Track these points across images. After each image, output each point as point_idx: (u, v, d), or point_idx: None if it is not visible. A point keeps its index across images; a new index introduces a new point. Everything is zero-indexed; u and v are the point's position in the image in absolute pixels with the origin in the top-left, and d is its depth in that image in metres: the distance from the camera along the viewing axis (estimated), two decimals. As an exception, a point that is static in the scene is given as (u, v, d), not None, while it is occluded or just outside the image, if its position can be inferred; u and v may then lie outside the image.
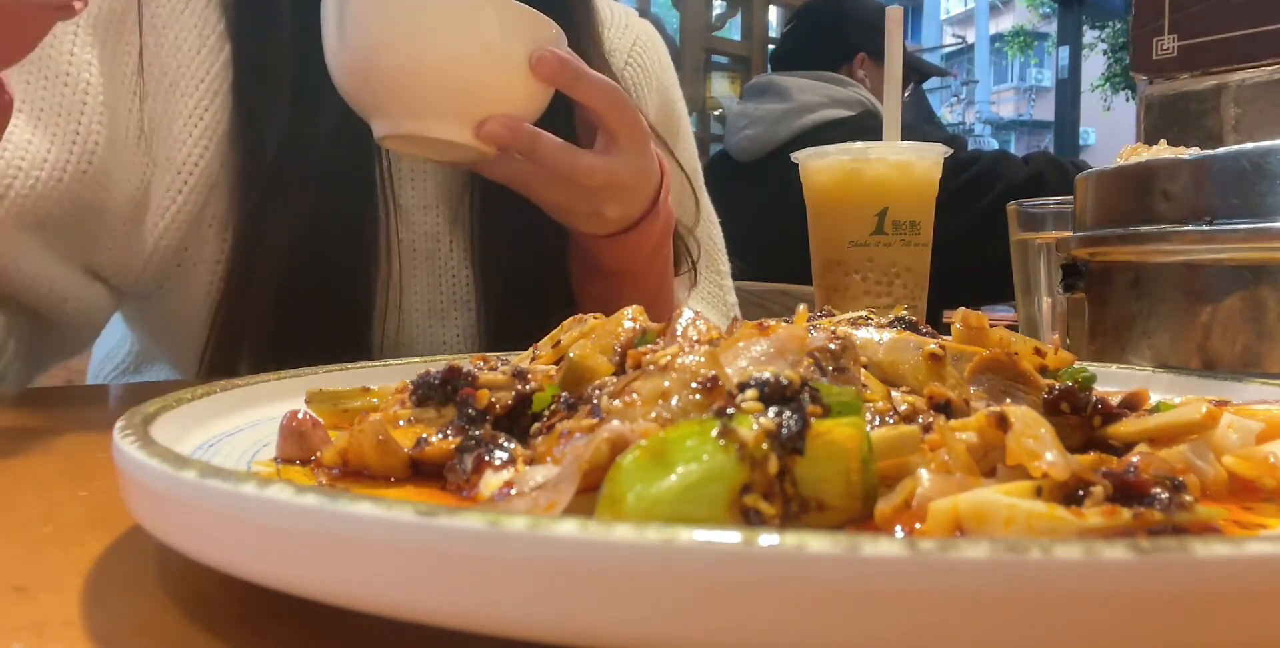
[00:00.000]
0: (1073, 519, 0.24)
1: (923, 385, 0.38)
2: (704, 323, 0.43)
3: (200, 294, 0.82)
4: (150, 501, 0.26)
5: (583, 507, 0.25)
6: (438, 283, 0.91)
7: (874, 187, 0.80)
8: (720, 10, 3.32)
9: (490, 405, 0.37)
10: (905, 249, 0.81)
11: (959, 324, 0.44)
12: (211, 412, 0.41)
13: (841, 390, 0.31)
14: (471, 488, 0.32)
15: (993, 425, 0.30)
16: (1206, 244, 0.57)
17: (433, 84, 0.66)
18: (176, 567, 0.29)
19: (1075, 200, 0.71)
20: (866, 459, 0.28)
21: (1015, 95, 22.66)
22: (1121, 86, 12.74)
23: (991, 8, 22.16)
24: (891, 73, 0.81)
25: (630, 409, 0.30)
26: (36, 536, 0.34)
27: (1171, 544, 0.18)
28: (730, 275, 1.20)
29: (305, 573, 0.22)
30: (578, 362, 0.38)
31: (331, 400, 0.43)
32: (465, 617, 0.20)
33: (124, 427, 0.30)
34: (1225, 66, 0.87)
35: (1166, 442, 0.34)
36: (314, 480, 0.34)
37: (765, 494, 0.25)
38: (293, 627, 0.25)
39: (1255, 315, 0.56)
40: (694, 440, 0.25)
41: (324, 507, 0.21)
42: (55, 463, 0.46)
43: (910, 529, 0.26)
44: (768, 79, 2.17)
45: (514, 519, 0.19)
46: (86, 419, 0.60)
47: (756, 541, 0.18)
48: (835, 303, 0.81)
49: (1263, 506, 0.32)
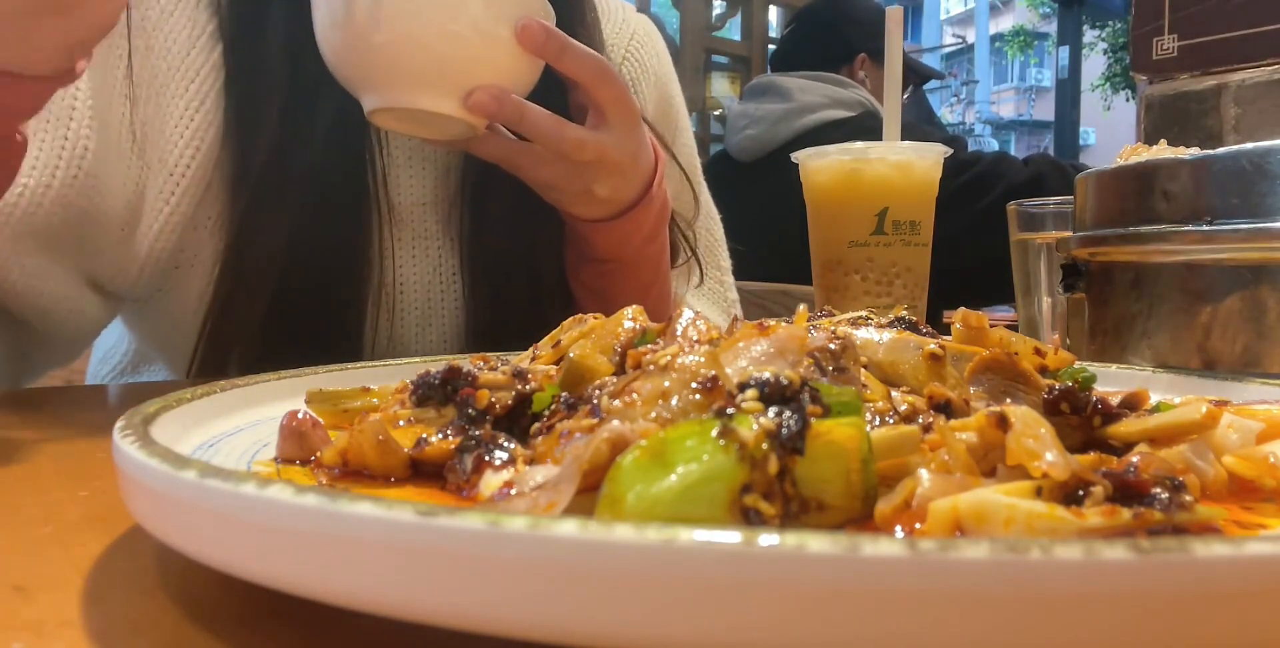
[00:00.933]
0: (1073, 519, 0.24)
1: (923, 385, 0.38)
2: (704, 323, 0.43)
3: (196, 296, 0.81)
4: (150, 501, 0.26)
5: (583, 507, 0.25)
6: (430, 281, 0.91)
7: (874, 187, 0.80)
8: (720, 10, 3.32)
9: (490, 405, 0.37)
10: (905, 249, 0.81)
11: (959, 324, 0.44)
12: (211, 412, 0.41)
13: (841, 390, 0.31)
14: (471, 488, 0.32)
15: (993, 425, 0.30)
16: (1206, 244, 0.57)
17: (421, 58, 0.67)
18: (176, 567, 0.29)
19: (1075, 200, 0.71)
20: (866, 459, 0.28)
21: (1015, 95, 22.67)
22: (1121, 86, 12.74)
23: (991, 8, 22.16)
24: (891, 73, 0.81)
25: (630, 409, 0.30)
26: (36, 536, 0.34)
27: (1171, 544, 0.18)
28: (731, 272, 1.20)
29: (305, 573, 0.22)
30: (578, 362, 0.38)
31: (331, 400, 0.43)
32: (465, 617, 0.20)
33: (124, 427, 0.30)
34: (1225, 66, 0.87)
35: (1166, 442, 0.34)
36: (314, 480, 0.34)
37: (765, 494, 0.25)
38: (293, 627, 0.25)
39: (1255, 315, 0.56)
40: (694, 440, 0.25)
41: (324, 507, 0.21)
42: (55, 463, 0.46)
43: (910, 529, 0.26)
44: (768, 79, 2.18)
45: (514, 519, 0.19)
46: (86, 419, 0.60)
47: (756, 541, 0.18)
48: (835, 303, 0.81)
49: (1263, 506, 0.32)
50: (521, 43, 0.70)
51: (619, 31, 1.07)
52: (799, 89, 2.06)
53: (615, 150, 0.76)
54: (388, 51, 0.67)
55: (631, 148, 0.77)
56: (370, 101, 0.70)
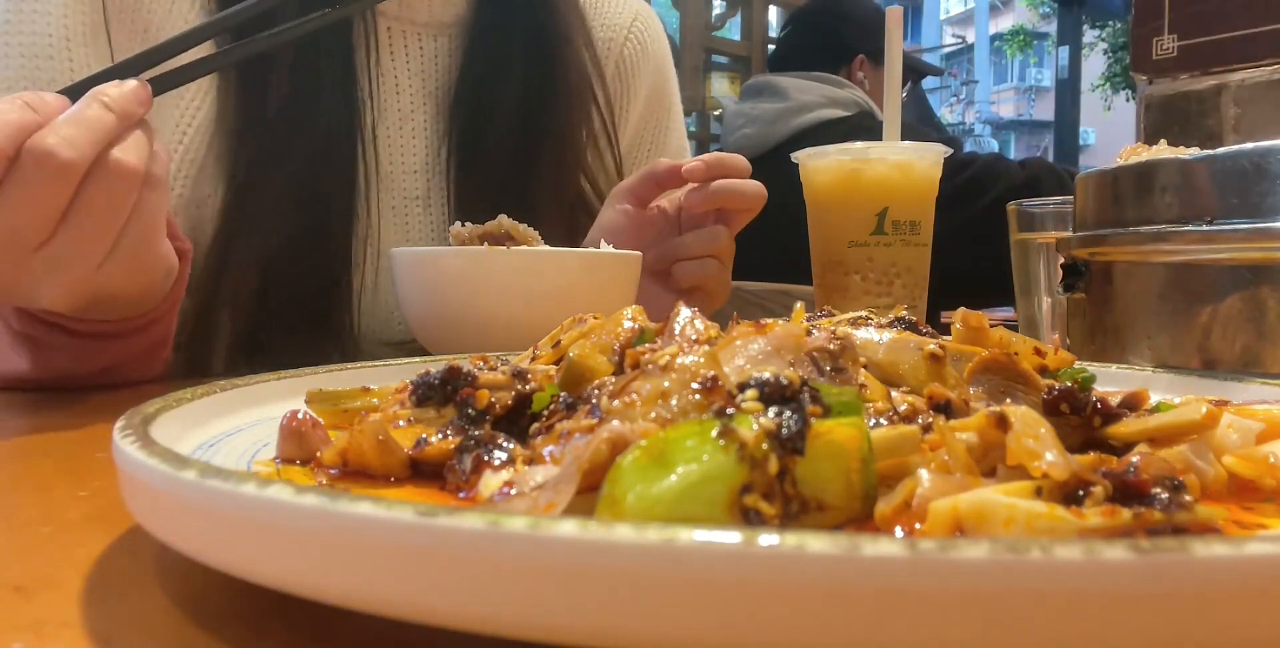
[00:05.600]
0: (1073, 519, 0.24)
1: (923, 386, 0.38)
2: (701, 322, 0.43)
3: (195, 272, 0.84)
4: (150, 501, 0.26)
5: (583, 507, 0.25)
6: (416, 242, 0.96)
7: (874, 187, 0.80)
8: (720, 10, 3.32)
9: (490, 405, 0.37)
10: (905, 249, 0.80)
11: (959, 324, 0.44)
12: (211, 412, 0.40)
13: (841, 390, 0.31)
14: (471, 488, 0.32)
15: (993, 425, 0.30)
16: (1206, 244, 0.57)
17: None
18: (176, 567, 0.29)
19: (1075, 200, 0.71)
20: (866, 459, 0.28)
21: (1015, 95, 22.65)
22: (1121, 86, 12.73)
23: (991, 8, 22.15)
24: (891, 72, 0.81)
25: (630, 409, 0.30)
26: (36, 536, 0.34)
27: (1171, 544, 0.18)
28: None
29: (305, 573, 0.22)
30: (577, 362, 0.38)
31: (331, 400, 0.43)
32: (465, 617, 0.20)
33: (124, 427, 0.30)
34: (1225, 66, 0.87)
35: (1166, 442, 0.34)
36: (314, 480, 0.34)
37: (765, 494, 0.25)
38: (293, 627, 0.25)
39: (1255, 315, 0.56)
40: (694, 441, 0.25)
41: (324, 507, 0.21)
42: (55, 463, 0.46)
43: (910, 529, 0.26)
44: (765, 79, 2.18)
45: (514, 519, 0.19)
46: (86, 419, 0.60)
47: (756, 541, 0.18)
48: (835, 303, 0.81)
49: (1263, 506, 0.32)
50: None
51: (621, 13, 1.10)
52: (795, 88, 2.06)
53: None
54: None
55: None
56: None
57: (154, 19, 0.84)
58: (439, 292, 0.75)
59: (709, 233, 0.88)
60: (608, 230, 0.91)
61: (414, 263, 0.77)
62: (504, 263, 0.73)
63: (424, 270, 0.76)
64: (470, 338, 0.73)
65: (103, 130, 0.54)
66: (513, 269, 0.73)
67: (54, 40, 0.78)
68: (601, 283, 0.77)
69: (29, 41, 0.78)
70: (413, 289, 0.77)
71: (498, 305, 0.73)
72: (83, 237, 0.56)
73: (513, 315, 0.73)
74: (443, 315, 0.76)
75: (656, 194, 0.93)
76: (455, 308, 0.74)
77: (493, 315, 0.73)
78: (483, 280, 0.73)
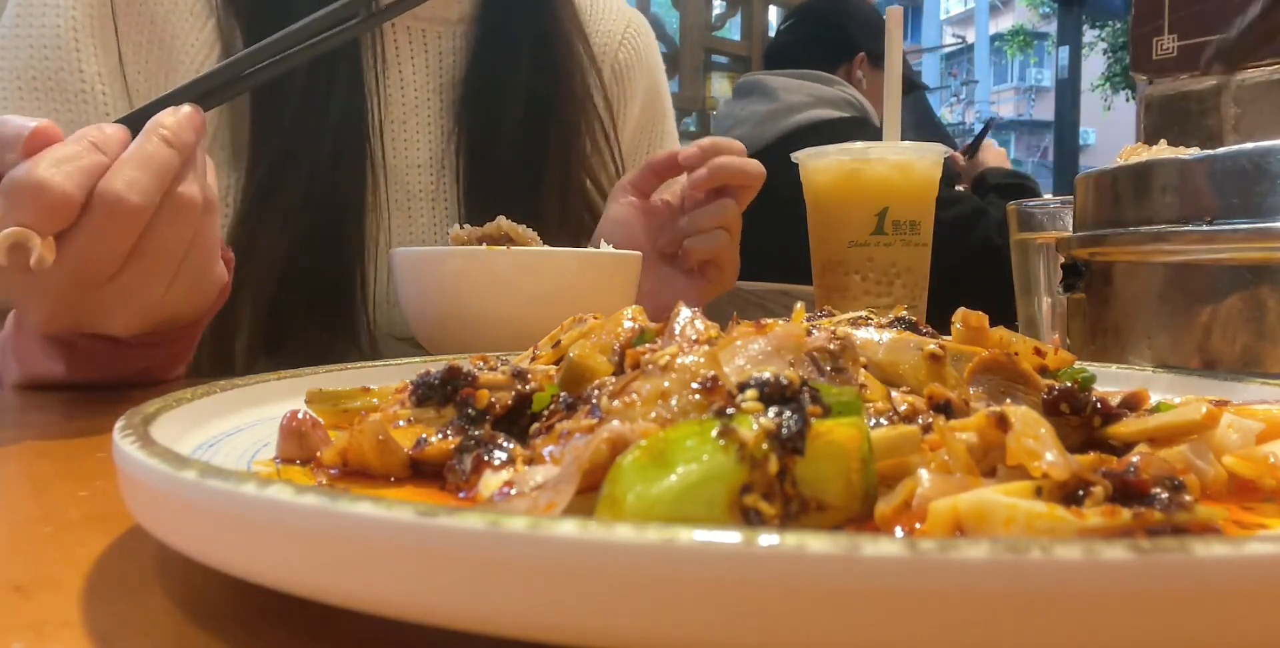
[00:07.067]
0: (1073, 519, 0.24)
1: (923, 386, 0.38)
2: (701, 322, 0.43)
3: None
4: (150, 501, 0.26)
5: (583, 507, 0.25)
6: (426, 239, 0.98)
7: (874, 186, 0.80)
8: (720, 10, 3.32)
9: (490, 405, 0.37)
10: (905, 249, 0.80)
11: (959, 324, 0.44)
12: (211, 412, 0.40)
13: (841, 390, 0.31)
14: (471, 488, 0.32)
15: (993, 425, 0.30)
16: (1206, 244, 0.57)
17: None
18: (176, 567, 0.29)
19: (1075, 200, 0.71)
20: (866, 459, 0.28)
21: (1015, 95, 22.65)
22: (1121, 86, 12.73)
23: (991, 8, 22.15)
24: (892, 73, 0.81)
25: (630, 409, 0.30)
26: (36, 536, 0.34)
27: (1171, 544, 0.18)
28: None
29: (305, 573, 0.22)
30: (577, 362, 0.38)
31: (331, 400, 0.43)
32: (465, 617, 0.20)
33: (124, 427, 0.30)
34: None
35: (1166, 442, 0.34)
36: (314, 481, 0.34)
37: (765, 494, 0.25)
38: (293, 627, 0.25)
39: (1255, 315, 0.56)
40: (694, 441, 0.25)
41: (324, 507, 0.21)
42: (55, 463, 0.46)
43: (910, 529, 0.26)
44: (754, 79, 2.17)
45: (514, 519, 0.19)
46: (86, 419, 0.60)
47: (756, 541, 0.18)
48: (835, 303, 0.81)
49: (1263, 506, 0.32)
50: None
51: (614, 20, 1.12)
52: (783, 88, 2.05)
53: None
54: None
55: None
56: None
57: (160, 10, 0.84)
58: (439, 292, 0.75)
59: (717, 205, 0.89)
60: (615, 223, 0.92)
61: (414, 263, 0.77)
62: (504, 263, 0.73)
63: (424, 270, 0.76)
64: (470, 338, 0.73)
65: (167, 170, 0.55)
66: (513, 269, 0.73)
67: (62, 31, 0.79)
68: (601, 283, 0.77)
69: (39, 33, 0.79)
70: (413, 289, 0.77)
71: (498, 305, 0.73)
72: (150, 269, 0.58)
73: (513, 315, 0.73)
74: (443, 315, 0.76)
75: (657, 184, 0.94)
76: (455, 308, 0.74)
77: (493, 315, 0.73)
78: (483, 280, 0.73)
